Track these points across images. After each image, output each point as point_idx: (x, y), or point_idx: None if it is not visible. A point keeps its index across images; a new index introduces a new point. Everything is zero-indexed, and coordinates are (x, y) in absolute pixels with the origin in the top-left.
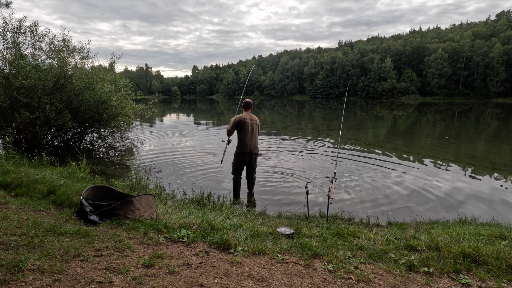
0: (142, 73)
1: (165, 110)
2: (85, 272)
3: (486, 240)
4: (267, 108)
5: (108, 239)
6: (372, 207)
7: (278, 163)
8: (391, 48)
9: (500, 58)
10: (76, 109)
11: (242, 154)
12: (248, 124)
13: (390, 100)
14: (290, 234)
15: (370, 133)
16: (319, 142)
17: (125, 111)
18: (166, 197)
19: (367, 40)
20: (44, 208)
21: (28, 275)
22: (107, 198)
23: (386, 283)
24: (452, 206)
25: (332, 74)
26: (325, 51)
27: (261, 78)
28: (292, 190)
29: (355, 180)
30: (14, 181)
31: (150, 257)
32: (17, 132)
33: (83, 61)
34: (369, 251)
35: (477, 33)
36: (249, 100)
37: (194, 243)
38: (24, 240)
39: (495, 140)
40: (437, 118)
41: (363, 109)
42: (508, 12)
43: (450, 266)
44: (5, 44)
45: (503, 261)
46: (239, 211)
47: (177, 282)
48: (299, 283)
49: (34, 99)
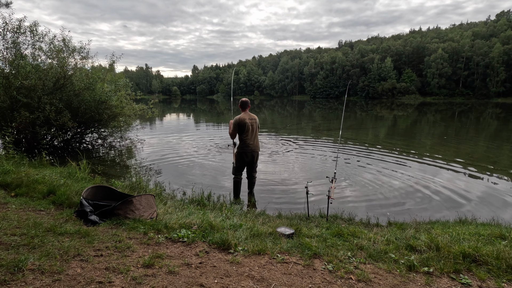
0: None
1: (165, 110)
2: (85, 272)
3: (486, 240)
4: (267, 108)
5: (108, 239)
6: (372, 207)
7: (278, 163)
8: (391, 48)
9: (500, 58)
10: (76, 109)
11: (244, 153)
12: (248, 124)
13: (390, 100)
14: (290, 234)
15: (370, 133)
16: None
17: (125, 111)
18: (166, 197)
19: (367, 40)
20: (44, 208)
21: (28, 275)
22: (107, 198)
23: (386, 283)
24: (452, 206)
25: (332, 74)
26: (325, 51)
27: (261, 78)
28: (292, 190)
29: (355, 180)
30: (14, 181)
31: (150, 257)
32: (17, 132)
33: (83, 61)
34: (369, 251)
35: (477, 33)
36: (246, 99)
37: (194, 243)
38: (24, 240)
39: (495, 140)
40: (437, 118)
41: (363, 109)
42: (508, 12)
43: (450, 266)
44: (5, 44)
45: (503, 261)
46: (239, 211)
47: (177, 282)
48: (299, 283)
49: (34, 99)
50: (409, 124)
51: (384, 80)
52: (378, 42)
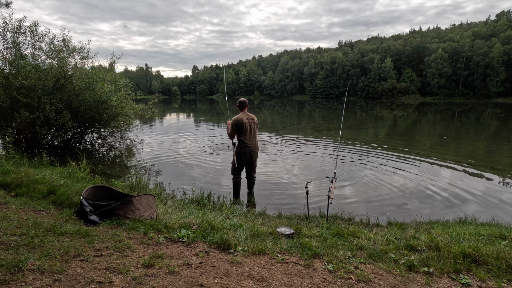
0: (142, 73)
1: (165, 110)
2: (85, 272)
3: (486, 240)
4: (267, 108)
5: (108, 239)
6: (372, 207)
7: (278, 163)
8: (391, 48)
9: (500, 58)
10: (76, 109)
11: (242, 153)
12: (246, 124)
13: (390, 100)
14: (290, 234)
15: (370, 133)
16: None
17: (125, 111)
18: (166, 197)
19: (367, 40)
20: (44, 208)
21: (28, 275)
22: (107, 198)
23: (386, 283)
24: (452, 206)
25: (332, 74)
26: (325, 51)
27: (261, 78)
28: (292, 190)
29: (355, 180)
30: (14, 181)
31: (150, 257)
32: (17, 132)
33: (83, 61)
34: (369, 251)
35: (477, 33)
36: (244, 99)
37: (194, 243)
38: (24, 240)
39: (495, 140)
40: (437, 118)
41: (363, 109)
42: (508, 12)
43: (450, 266)
44: (5, 44)
45: (503, 261)
46: (239, 211)
47: (177, 282)
48: (299, 283)
49: (34, 99)
50: (409, 124)
51: (384, 80)
52: (378, 42)
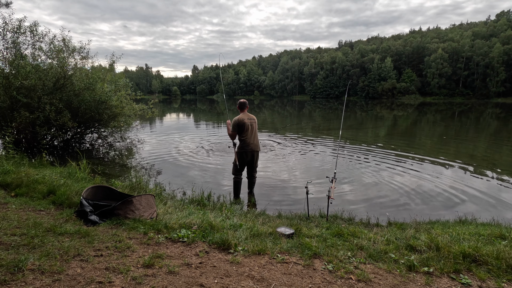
0: (142, 73)
1: (165, 110)
2: (85, 272)
3: (486, 240)
4: (267, 108)
5: (108, 239)
6: (372, 207)
7: (278, 163)
8: (391, 48)
9: (500, 58)
10: (76, 109)
11: (244, 153)
12: (247, 124)
13: (390, 100)
14: (290, 234)
15: (370, 133)
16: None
17: (125, 111)
18: (166, 197)
19: (367, 40)
20: (44, 208)
21: (28, 275)
22: (107, 198)
23: (386, 283)
24: (452, 206)
25: (332, 74)
26: (325, 51)
27: (261, 78)
28: (292, 190)
29: (355, 180)
30: (14, 181)
31: (150, 257)
32: (17, 132)
33: (83, 61)
34: (369, 251)
35: (477, 33)
36: (244, 100)
37: (194, 243)
38: (24, 240)
39: (495, 140)
40: (437, 118)
41: (363, 109)
42: (508, 12)
43: (450, 266)
44: (5, 44)
45: (503, 261)
46: (239, 211)
47: (177, 282)
48: (299, 283)
49: (34, 99)
50: (409, 124)
51: (384, 80)
52: (378, 42)
